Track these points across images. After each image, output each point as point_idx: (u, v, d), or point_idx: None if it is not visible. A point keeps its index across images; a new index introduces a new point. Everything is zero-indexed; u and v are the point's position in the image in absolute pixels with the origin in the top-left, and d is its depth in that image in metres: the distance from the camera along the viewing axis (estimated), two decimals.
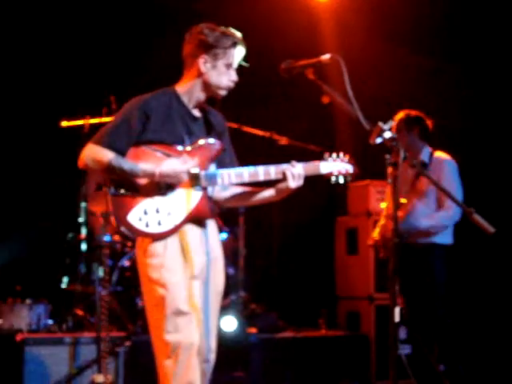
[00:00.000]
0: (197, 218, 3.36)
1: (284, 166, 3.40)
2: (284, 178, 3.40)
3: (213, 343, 3.40)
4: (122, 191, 3.26)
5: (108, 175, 3.29)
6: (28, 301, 5.26)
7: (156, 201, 3.30)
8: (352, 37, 6.69)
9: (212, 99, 3.56)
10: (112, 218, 3.26)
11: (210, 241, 3.44)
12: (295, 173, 3.38)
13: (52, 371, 4.75)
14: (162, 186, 3.30)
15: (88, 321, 5.29)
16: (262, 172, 3.40)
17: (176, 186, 3.31)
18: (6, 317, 5.19)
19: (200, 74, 3.41)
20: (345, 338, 6.29)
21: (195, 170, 3.33)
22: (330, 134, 7.19)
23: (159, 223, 3.27)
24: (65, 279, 5.65)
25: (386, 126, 3.00)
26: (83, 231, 5.61)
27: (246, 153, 3.79)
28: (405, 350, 6.22)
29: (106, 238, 5.45)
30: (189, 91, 3.44)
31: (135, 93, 3.62)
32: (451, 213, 5.03)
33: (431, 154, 5.20)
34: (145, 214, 3.26)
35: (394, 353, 2.92)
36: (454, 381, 5.05)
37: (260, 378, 5.43)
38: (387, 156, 3.02)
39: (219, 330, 3.53)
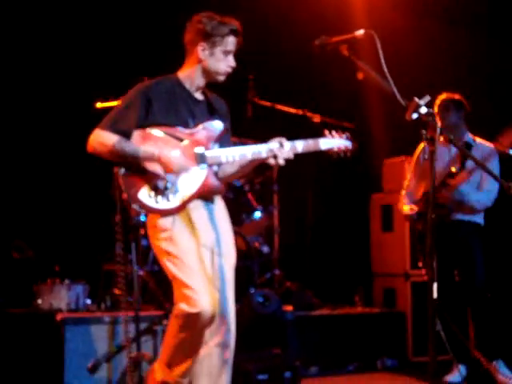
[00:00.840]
0: (204, 195, 3.55)
1: (275, 149, 3.54)
2: (274, 157, 3.55)
3: (232, 314, 3.60)
4: (132, 172, 3.45)
5: (113, 158, 3.48)
6: (66, 281, 5.33)
7: (164, 180, 3.48)
8: (384, 12, 6.62)
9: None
10: (124, 196, 3.49)
11: (218, 216, 3.64)
12: (284, 153, 3.53)
13: (92, 350, 4.81)
14: (165, 168, 3.47)
15: (126, 300, 5.34)
16: (264, 149, 3.55)
17: (175, 171, 3.47)
18: (45, 297, 5.26)
19: (199, 61, 3.60)
20: (381, 315, 6.28)
21: (200, 150, 3.53)
22: (363, 110, 7.14)
23: (168, 200, 3.46)
24: (102, 259, 5.71)
25: (422, 102, 2.97)
26: (119, 211, 5.65)
27: (279, 131, 3.80)
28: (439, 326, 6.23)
29: (142, 218, 5.50)
30: (189, 77, 3.63)
31: (167, 74, 3.68)
32: (492, 195, 5.15)
33: (473, 139, 5.22)
34: (154, 192, 3.46)
35: (433, 329, 2.91)
36: (487, 355, 5.07)
37: (296, 356, 5.45)
38: (423, 131, 3.00)
39: (256, 308, 3.65)
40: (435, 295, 2.91)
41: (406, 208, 5.35)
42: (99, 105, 5.50)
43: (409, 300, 6.30)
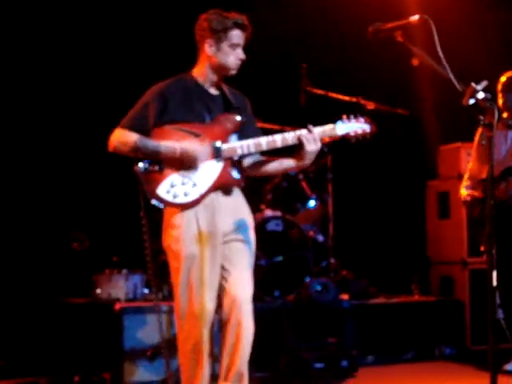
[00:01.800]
0: (221, 187, 3.60)
1: (300, 132, 3.57)
2: (300, 144, 3.57)
3: (245, 294, 3.57)
4: (150, 168, 3.53)
5: (135, 155, 3.56)
6: (124, 271, 5.41)
7: (181, 174, 3.56)
8: None
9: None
10: (143, 193, 3.56)
11: (236, 207, 3.68)
12: (310, 137, 3.55)
13: (149, 338, 4.88)
14: (185, 162, 3.53)
15: None
16: (279, 139, 3.59)
17: (196, 164, 3.54)
18: (104, 287, 5.36)
19: (208, 58, 3.65)
20: (438, 303, 6.21)
21: (216, 143, 3.59)
22: (418, 97, 7.06)
23: (185, 194, 3.55)
24: (159, 250, 5.76)
25: (479, 87, 2.93)
26: None
27: (333, 119, 3.78)
28: (500, 314, 6.14)
29: None
30: (202, 74, 3.69)
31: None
32: None
33: None
34: (172, 187, 3.54)
35: (493, 317, 2.88)
36: None
37: (353, 344, 5.44)
38: (481, 117, 2.96)
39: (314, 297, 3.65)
40: (495, 283, 2.86)
41: (464, 193, 5.27)
42: None
43: (467, 288, 6.22)
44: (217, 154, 3.59)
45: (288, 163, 3.72)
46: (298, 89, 6.13)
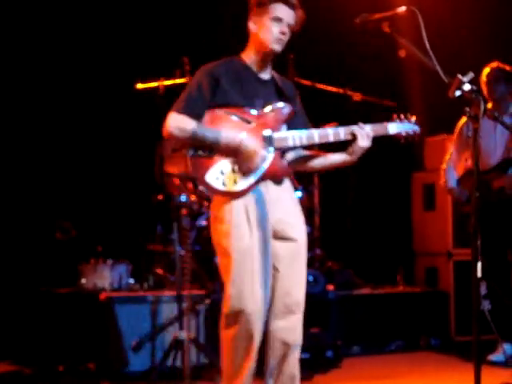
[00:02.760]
0: (272, 178, 3.45)
1: (353, 127, 3.47)
2: (353, 139, 3.48)
3: (298, 296, 3.46)
4: (200, 152, 3.36)
5: (191, 142, 3.38)
6: (109, 261, 5.40)
7: (232, 162, 3.39)
8: None
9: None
10: (190, 179, 3.38)
11: (286, 197, 3.53)
12: (364, 133, 3.46)
13: (135, 328, 4.87)
14: (241, 158, 3.37)
15: (168, 279, 5.40)
16: (331, 133, 3.48)
17: (252, 166, 3.38)
18: (89, 277, 5.34)
19: (253, 36, 3.51)
20: (423, 294, 6.26)
21: (267, 133, 3.44)
22: (404, 88, 7.07)
23: (235, 182, 3.37)
24: (145, 239, 5.76)
25: (465, 79, 2.93)
26: (161, 192, 5.69)
27: (320, 110, 3.78)
28: (485, 305, 6.18)
29: (183, 199, 5.53)
30: (251, 57, 3.53)
31: (208, 54, 3.67)
32: None
33: None
34: (221, 174, 3.36)
35: (477, 308, 2.89)
36: None
37: (338, 335, 5.45)
38: (467, 109, 2.96)
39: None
40: (479, 274, 2.88)
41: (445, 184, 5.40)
42: (140, 86, 5.53)
43: (451, 279, 6.25)
44: (268, 143, 3.44)
45: (335, 158, 3.59)
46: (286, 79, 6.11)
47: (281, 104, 3.50)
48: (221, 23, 6.39)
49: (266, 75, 3.57)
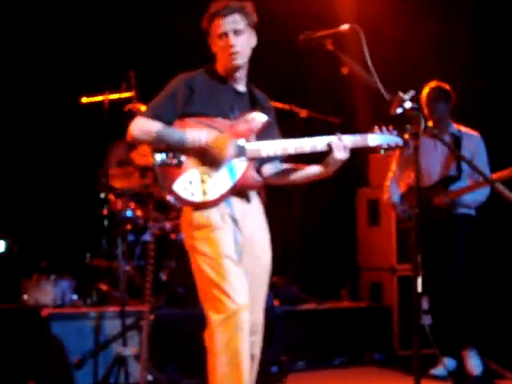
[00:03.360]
0: (241, 190, 3.41)
1: (330, 138, 3.43)
2: (330, 150, 3.42)
3: (261, 325, 3.48)
4: (168, 161, 3.30)
5: (156, 145, 3.32)
6: (52, 276, 5.31)
7: (201, 171, 3.33)
8: (368, 7, 6.62)
9: None
10: (157, 188, 3.43)
11: (254, 213, 3.51)
12: (341, 144, 3.41)
13: (78, 345, 4.81)
14: (210, 157, 3.32)
15: (112, 295, 5.34)
16: (308, 144, 3.43)
17: (220, 162, 3.33)
18: (32, 292, 5.25)
19: (215, 55, 3.51)
20: (367, 309, 6.30)
21: (240, 142, 3.39)
22: (350, 105, 7.15)
23: (204, 193, 3.31)
24: (88, 255, 5.69)
25: (406, 96, 2.98)
26: (105, 207, 5.64)
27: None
28: (427, 320, 6.26)
29: (128, 214, 5.49)
30: (222, 69, 3.49)
31: (154, 68, 3.66)
32: (487, 191, 5.19)
33: (459, 129, 5.25)
34: (190, 184, 3.30)
35: (417, 323, 2.92)
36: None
37: (283, 351, 5.45)
38: (408, 126, 3.01)
39: None
40: (419, 289, 2.91)
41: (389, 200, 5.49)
42: (84, 100, 5.48)
43: (395, 294, 6.32)
44: (240, 153, 3.38)
45: (311, 171, 3.54)
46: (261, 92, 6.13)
47: (255, 114, 3.45)
48: (168, 37, 6.38)
49: (241, 87, 3.54)
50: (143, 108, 5.95)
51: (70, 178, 6.19)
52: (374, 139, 3.49)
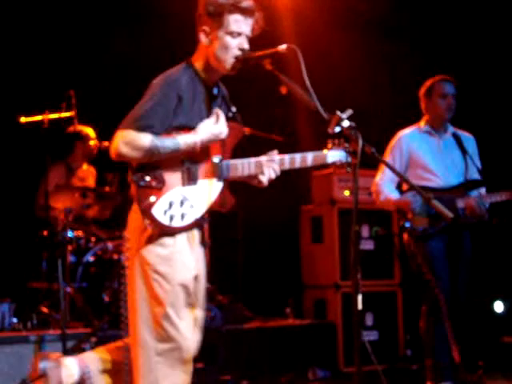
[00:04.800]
0: (215, 211, 3.27)
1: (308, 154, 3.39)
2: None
3: (197, 335, 3.31)
4: (149, 183, 3.07)
5: (148, 160, 3.05)
6: None
7: (180, 193, 3.13)
8: (310, 26, 6.69)
9: None
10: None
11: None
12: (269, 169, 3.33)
13: (17, 370, 4.69)
14: (186, 175, 3.14)
15: (53, 318, 5.25)
16: (287, 160, 3.37)
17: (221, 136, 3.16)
18: None
19: (205, 48, 3.23)
20: (312, 326, 6.32)
21: (217, 160, 3.22)
22: (292, 123, 7.20)
23: (182, 217, 3.11)
24: (28, 277, 5.59)
25: (344, 115, 3.00)
26: (45, 228, 5.55)
27: None
28: (371, 336, 6.31)
29: (69, 234, 5.42)
30: (204, 68, 3.25)
31: (94, 87, 3.60)
32: None
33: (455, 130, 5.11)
34: (169, 208, 3.09)
35: (359, 340, 2.94)
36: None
37: (227, 370, 5.43)
38: (346, 145, 3.04)
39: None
40: (360, 306, 2.93)
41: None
42: (23, 119, 5.39)
43: (339, 311, 6.36)
44: (220, 172, 3.21)
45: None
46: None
47: (235, 125, 3.32)
48: (107, 56, 6.34)
49: (217, 90, 3.35)
50: (88, 129, 6.01)
51: (7, 200, 6.07)
52: (333, 156, 3.44)
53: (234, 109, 3.38)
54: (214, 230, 6.27)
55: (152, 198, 3.06)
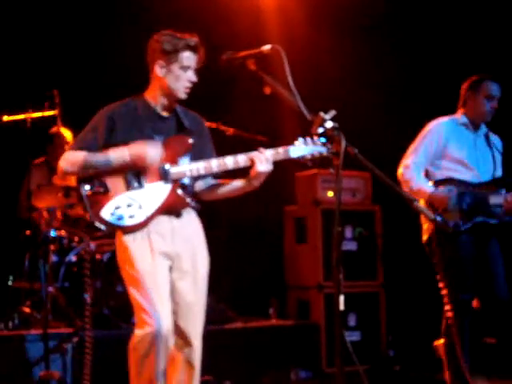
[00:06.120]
0: (170, 210, 3.56)
1: (252, 153, 3.57)
2: (252, 164, 3.56)
3: (195, 333, 3.67)
4: (95, 189, 3.49)
5: (86, 174, 3.51)
6: None
7: (127, 196, 3.52)
8: (295, 27, 6.70)
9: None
10: (82, 207, 3.53)
11: (188, 230, 3.65)
12: (262, 157, 3.54)
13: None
14: (136, 165, 3.50)
15: (35, 318, 5.23)
16: (230, 161, 3.57)
17: (147, 164, 3.50)
18: None
19: (159, 80, 3.61)
20: (295, 326, 6.32)
21: (166, 166, 3.54)
22: (277, 123, 7.19)
23: (131, 216, 3.50)
24: (10, 276, 5.56)
25: (327, 116, 3.01)
26: (28, 227, 5.53)
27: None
28: (353, 336, 6.32)
29: (52, 234, 5.40)
30: (154, 96, 3.64)
31: (78, 87, 3.65)
32: None
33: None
34: (116, 209, 3.50)
35: (340, 340, 2.94)
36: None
37: (209, 370, 5.41)
38: (329, 146, 3.04)
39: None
40: (342, 307, 2.94)
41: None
42: (6, 118, 5.37)
43: (322, 311, 6.36)
44: (165, 176, 3.54)
45: (237, 184, 3.71)
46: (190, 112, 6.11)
47: (179, 137, 3.61)
48: (92, 56, 6.32)
49: (167, 113, 3.68)
50: (66, 131, 6.00)
51: None
52: (297, 150, 3.61)
53: (187, 124, 3.68)
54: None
55: (99, 204, 3.50)
